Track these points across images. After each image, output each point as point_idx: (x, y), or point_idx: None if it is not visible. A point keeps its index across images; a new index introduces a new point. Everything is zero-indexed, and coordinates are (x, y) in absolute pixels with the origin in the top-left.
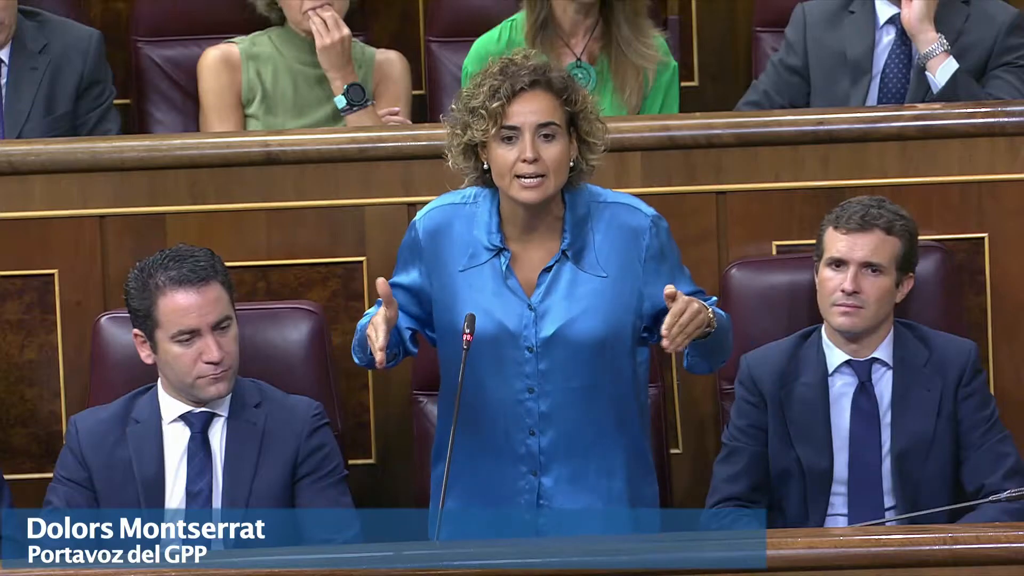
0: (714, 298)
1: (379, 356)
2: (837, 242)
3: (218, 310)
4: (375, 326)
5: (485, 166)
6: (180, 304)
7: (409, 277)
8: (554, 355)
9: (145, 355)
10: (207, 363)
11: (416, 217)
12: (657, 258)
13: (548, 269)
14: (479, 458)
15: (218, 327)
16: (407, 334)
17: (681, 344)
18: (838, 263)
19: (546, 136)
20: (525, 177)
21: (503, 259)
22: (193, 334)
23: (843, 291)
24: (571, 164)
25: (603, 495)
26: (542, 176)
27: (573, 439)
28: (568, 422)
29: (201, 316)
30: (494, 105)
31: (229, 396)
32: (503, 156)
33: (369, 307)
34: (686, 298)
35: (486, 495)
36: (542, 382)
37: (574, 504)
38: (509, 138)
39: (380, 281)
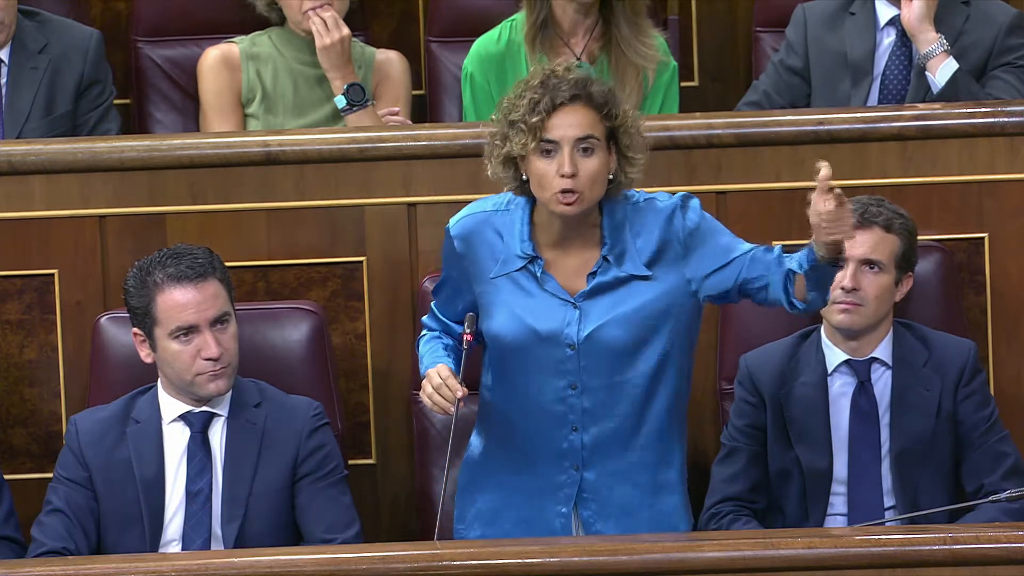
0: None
1: (460, 394)
2: None
3: (216, 306)
4: (447, 383)
5: (524, 177)
6: (178, 300)
7: (453, 279)
8: (596, 352)
9: (145, 354)
10: (206, 359)
11: (449, 224)
12: (696, 233)
13: (593, 274)
14: (514, 456)
15: (216, 324)
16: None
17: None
18: None
19: (585, 150)
20: (563, 192)
21: (537, 267)
22: (191, 330)
23: (842, 288)
24: (610, 176)
25: (647, 488)
26: (580, 190)
27: (617, 433)
28: (611, 417)
29: (199, 312)
30: (534, 120)
31: (229, 396)
32: (542, 169)
33: (370, 309)
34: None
35: (523, 491)
36: (584, 378)
37: (618, 497)
38: (548, 151)
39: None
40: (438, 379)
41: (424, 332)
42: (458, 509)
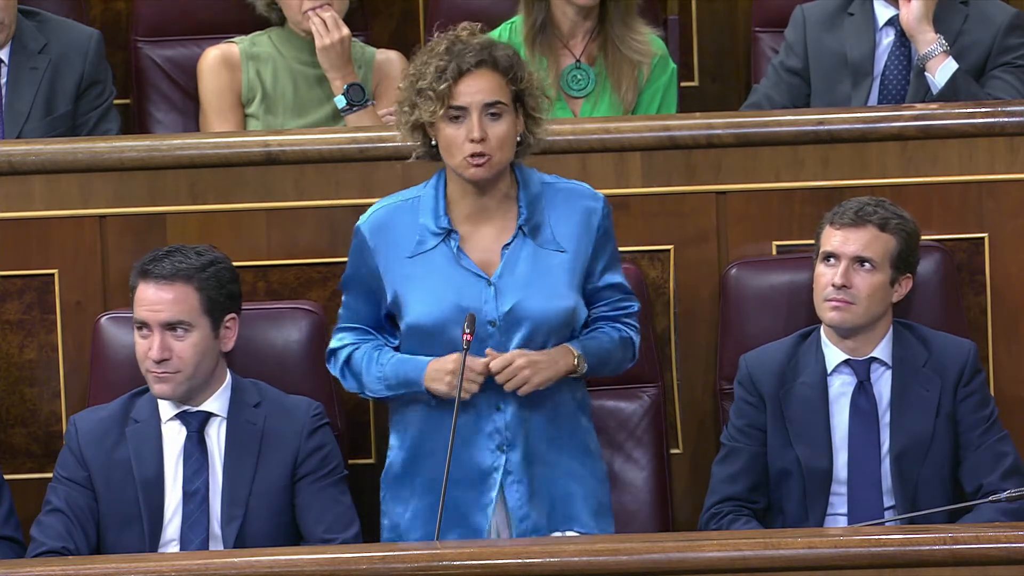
0: (635, 306)
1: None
2: (831, 237)
3: (172, 311)
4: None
5: (433, 142)
6: (140, 295)
7: (368, 281)
8: (516, 328)
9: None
10: (152, 359)
11: (359, 222)
12: (603, 239)
13: (507, 246)
14: (445, 440)
15: (170, 328)
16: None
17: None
18: (830, 257)
19: (493, 115)
20: (473, 155)
21: (453, 241)
22: (145, 327)
23: (833, 285)
24: (518, 139)
25: (564, 473)
26: (489, 154)
27: (538, 412)
28: (533, 395)
29: (152, 312)
30: (441, 87)
31: (228, 396)
32: (451, 135)
33: None
34: (506, 363)
35: (455, 478)
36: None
37: (537, 477)
38: (456, 117)
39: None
40: (452, 365)
41: (345, 351)
42: (387, 518)
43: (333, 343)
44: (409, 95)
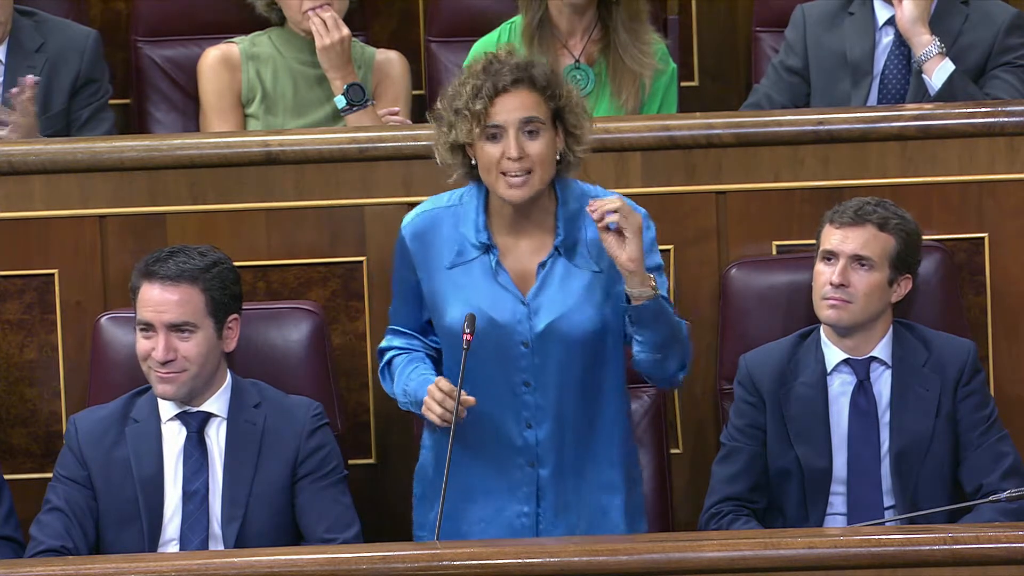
0: (682, 323)
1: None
2: (830, 236)
3: (178, 312)
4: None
5: (472, 162)
6: (144, 296)
7: (410, 284)
8: (549, 349)
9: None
10: (157, 360)
11: (402, 223)
12: (646, 252)
13: (543, 265)
14: (474, 452)
15: (176, 329)
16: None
17: (601, 216)
18: (829, 255)
19: (530, 132)
20: (511, 175)
21: (492, 256)
22: (149, 327)
23: (831, 283)
24: (557, 157)
25: (593, 485)
26: (527, 173)
27: (570, 430)
28: (565, 414)
29: (157, 313)
30: (477, 106)
31: (228, 397)
32: (488, 154)
33: (370, 309)
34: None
35: (483, 490)
36: (538, 375)
37: (568, 495)
38: (494, 136)
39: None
40: (440, 393)
41: (390, 354)
42: (417, 516)
43: (383, 342)
44: (446, 115)
